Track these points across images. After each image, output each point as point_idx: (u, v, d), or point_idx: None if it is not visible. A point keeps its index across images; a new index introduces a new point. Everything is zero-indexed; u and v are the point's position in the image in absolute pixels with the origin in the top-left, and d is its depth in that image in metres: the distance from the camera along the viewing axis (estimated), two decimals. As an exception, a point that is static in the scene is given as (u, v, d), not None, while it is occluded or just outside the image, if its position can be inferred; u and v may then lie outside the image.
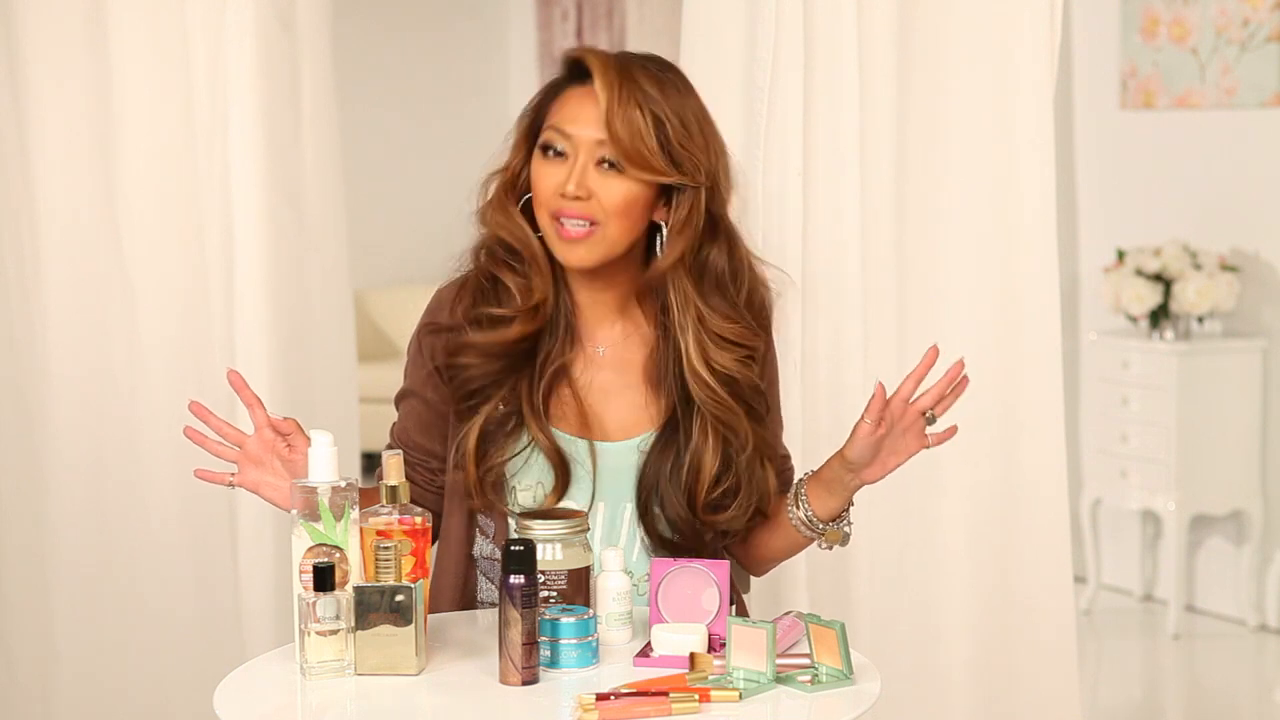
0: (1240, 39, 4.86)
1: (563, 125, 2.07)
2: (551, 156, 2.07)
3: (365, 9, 7.14)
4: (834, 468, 2.10)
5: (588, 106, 2.05)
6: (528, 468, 2.12)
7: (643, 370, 2.16)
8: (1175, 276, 4.79)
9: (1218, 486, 4.86)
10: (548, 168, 2.08)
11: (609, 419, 2.15)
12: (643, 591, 2.11)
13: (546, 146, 2.08)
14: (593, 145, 2.05)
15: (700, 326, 2.10)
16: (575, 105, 2.07)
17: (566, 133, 2.06)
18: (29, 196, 3.07)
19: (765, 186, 2.67)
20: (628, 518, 2.14)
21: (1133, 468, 4.94)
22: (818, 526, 2.13)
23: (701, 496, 2.10)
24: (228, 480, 2.08)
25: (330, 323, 3.49)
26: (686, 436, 2.11)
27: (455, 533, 2.16)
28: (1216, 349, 4.85)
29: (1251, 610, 4.89)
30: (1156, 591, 5.21)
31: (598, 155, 2.05)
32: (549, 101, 2.11)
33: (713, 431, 2.10)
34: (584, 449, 2.12)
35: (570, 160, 2.06)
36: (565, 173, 2.06)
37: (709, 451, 2.10)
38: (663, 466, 2.12)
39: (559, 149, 2.07)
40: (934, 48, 2.76)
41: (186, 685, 3.15)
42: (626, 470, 2.13)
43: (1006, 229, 2.80)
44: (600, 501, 2.13)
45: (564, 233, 2.07)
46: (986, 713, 2.85)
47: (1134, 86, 5.18)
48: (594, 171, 2.05)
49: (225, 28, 3.16)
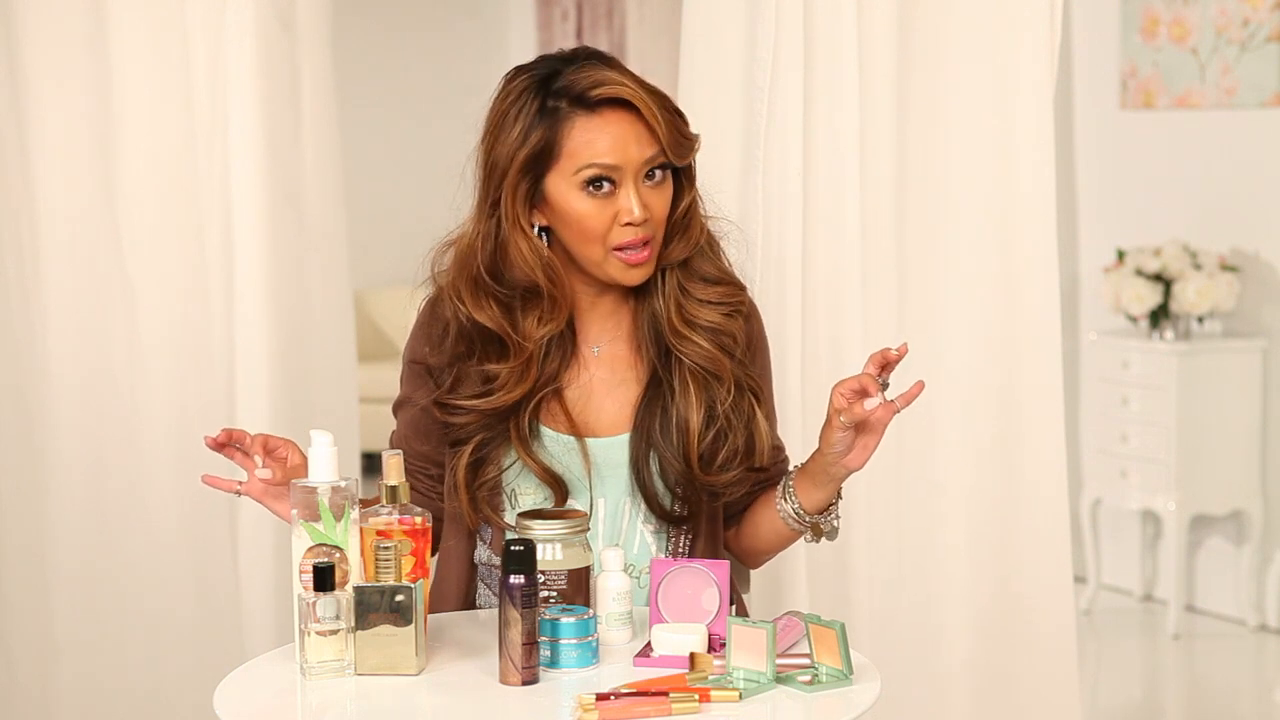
0: (1240, 39, 4.86)
1: (606, 159, 2.03)
2: (599, 193, 2.04)
3: (365, 9, 7.14)
4: (817, 459, 2.09)
5: (622, 129, 2.03)
6: (526, 474, 2.12)
7: (632, 358, 2.16)
8: (1175, 276, 4.79)
9: (1218, 486, 4.86)
10: (599, 203, 2.04)
11: (602, 415, 2.14)
12: (643, 584, 2.11)
13: (593, 183, 2.04)
14: (640, 165, 2.04)
15: (682, 291, 2.11)
16: (608, 133, 2.03)
17: (614, 165, 2.03)
18: (29, 196, 3.07)
19: (765, 186, 2.67)
20: (628, 513, 2.14)
21: (1133, 468, 4.94)
22: (805, 519, 2.13)
23: (695, 446, 2.09)
24: (235, 488, 2.08)
25: (330, 323, 3.49)
26: (670, 392, 2.11)
27: (455, 540, 2.16)
28: (1216, 349, 4.85)
29: (1251, 610, 4.89)
30: (1156, 591, 5.21)
31: (644, 171, 2.05)
32: (556, 130, 2.04)
33: (693, 379, 2.10)
34: (576, 449, 2.12)
35: (621, 187, 2.04)
36: (624, 199, 2.04)
37: (693, 400, 2.09)
38: (652, 425, 2.11)
39: (608, 182, 2.04)
40: (934, 48, 2.76)
41: (186, 685, 3.15)
42: (622, 465, 2.13)
43: (1006, 229, 2.80)
44: (600, 499, 2.12)
45: (630, 259, 2.06)
46: (986, 713, 2.85)
47: (1134, 86, 5.18)
48: (644, 190, 2.06)
49: (225, 28, 3.16)
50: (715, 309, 2.12)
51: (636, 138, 2.03)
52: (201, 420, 3.18)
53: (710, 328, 2.11)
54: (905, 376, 2.23)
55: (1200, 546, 5.07)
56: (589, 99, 2.03)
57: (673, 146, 2.05)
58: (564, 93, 2.04)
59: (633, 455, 2.12)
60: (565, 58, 2.08)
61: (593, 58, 2.07)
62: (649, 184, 2.05)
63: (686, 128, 2.09)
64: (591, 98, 2.03)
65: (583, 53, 2.09)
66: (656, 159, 2.05)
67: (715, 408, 2.10)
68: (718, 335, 2.11)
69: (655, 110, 2.03)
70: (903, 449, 2.78)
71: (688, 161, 2.09)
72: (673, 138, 2.05)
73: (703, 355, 2.10)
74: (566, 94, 2.04)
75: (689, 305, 2.12)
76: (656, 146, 2.04)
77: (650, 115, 2.03)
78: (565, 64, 2.06)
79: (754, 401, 2.13)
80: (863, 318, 2.72)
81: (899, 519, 2.80)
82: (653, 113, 2.03)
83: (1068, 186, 5.27)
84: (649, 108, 2.03)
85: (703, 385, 2.10)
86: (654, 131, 2.03)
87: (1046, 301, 2.81)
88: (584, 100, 2.03)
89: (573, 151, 2.03)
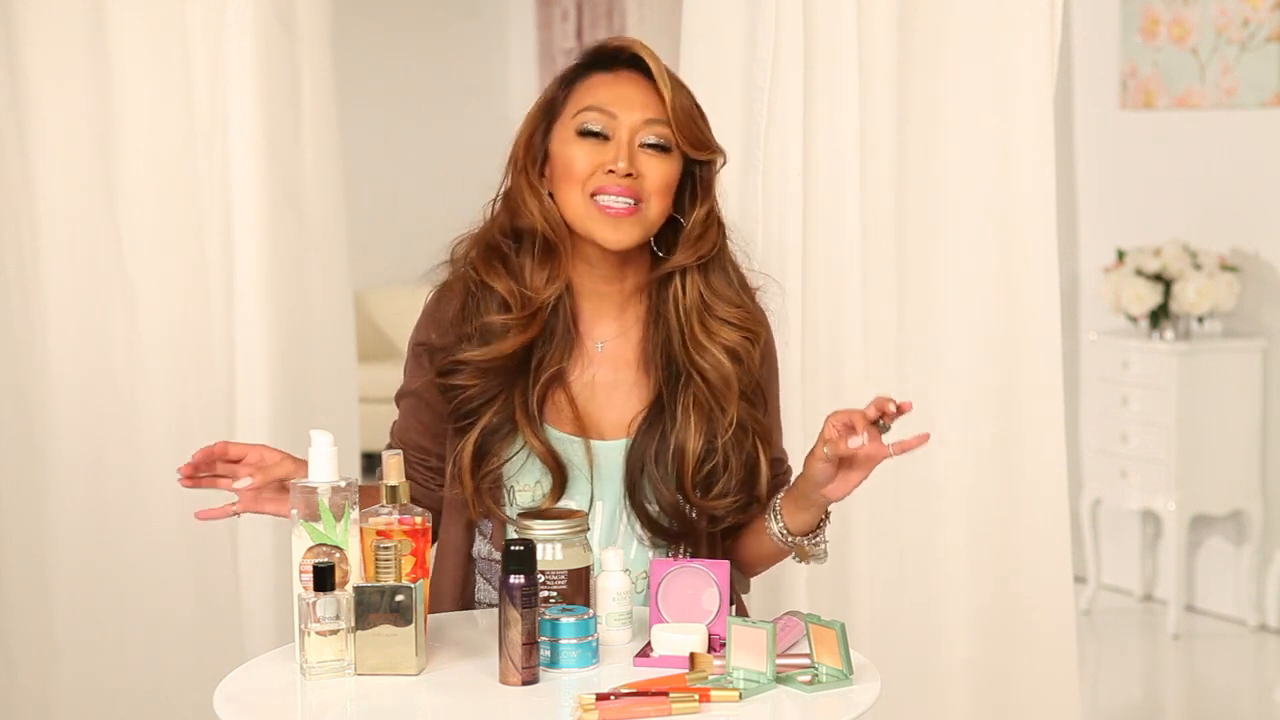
0: (1240, 39, 4.86)
1: (605, 105, 2.06)
2: (590, 138, 2.07)
3: (365, 9, 7.14)
4: (800, 483, 2.07)
5: (628, 88, 2.07)
6: (526, 468, 2.11)
7: (638, 365, 2.15)
8: (1175, 276, 4.79)
9: (1218, 486, 4.86)
10: (587, 147, 2.07)
11: (605, 416, 2.14)
12: (640, 589, 2.11)
13: (585, 128, 2.07)
14: (639, 125, 2.06)
15: (704, 307, 2.11)
16: (613, 88, 2.07)
17: (610, 111, 2.06)
18: (29, 196, 3.07)
19: (765, 186, 2.67)
20: (624, 519, 2.13)
21: (1133, 468, 4.94)
22: (789, 540, 2.10)
23: (690, 477, 2.08)
24: (230, 511, 2.09)
25: (330, 323, 3.49)
26: (671, 419, 2.10)
27: (454, 534, 2.16)
28: (1216, 349, 4.85)
29: (1251, 610, 4.89)
30: (1156, 591, 5.21)
31: (642, 137, 2.06)
32: (570, 88, 2.11)
33: (696, 409, 2.09)
34: (580, 448, 2.11)
35: (614, 140, 2.06)
36: (612, 150, 2.05)
37: (692, 431, 2.08)
38: (648, 449, 2.10)
39: (599, 130, 2.06)
40: (934, 48, 2.76)
41: (186, 685, 3.15)
42: (619, 471, 2.12)
43: (1006, 229, 2.80)
44: (599, 501, 2.12)
45: (608, 210, 2.06)
46: (986, 713, 2.85)
47: (1134, 86, 5.18)
48: (639, 152, 2.06)
49: (225, 28, 3.16)
50: (735, 330, 2.12)
51: (642, 99, 2.06)
52: (201, 420, 3.18)
53: (728, 346, 2.11)
54: (906, 377, 2.25)
55: (1200, 546, 5.07)
56: (606, 56, 2.09)
57: (681, 125, 2.06)
58: (587, 57, 2.11)
59: (627, 471, 2.11)
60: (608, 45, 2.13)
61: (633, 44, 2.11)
62: (648, 150, 2.06)
63: (703, 123, 2.10)
64: (609, 53, 2.08)
65: (625, 39, 2.12)
66: (657, 124, 2.06)
67: (715, 441, 2.09)
68: (734, 355, 2.11)
69: (669, 82, 2.06)
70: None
71: (698, 155, 2.09)
72: (681, 118, 2.06)
73: (717, 372, 2.10)
74: (589, 57, 2.11)
75: (711, 321, 2.11)
76: (662, 114, 2.06)
77: (662, 82, 2.06)
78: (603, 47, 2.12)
79: (756, 440, 2.12)
80: (863, 318, 2.72)
81: (899, 519, 2.80)
82: (665, 81, 2.06)
83: (1068, 186, 5.27)
84: (663, 76, 2.06)
85: (705, 416, 2.09)
86: (664, 102, 2.06)
87: (1046, 301, 2.81)
88: (601, 60, 2.10)
89: (577, 99, 2.09)
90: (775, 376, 2.23)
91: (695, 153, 2.09)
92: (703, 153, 2.10)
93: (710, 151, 2.11)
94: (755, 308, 2.16)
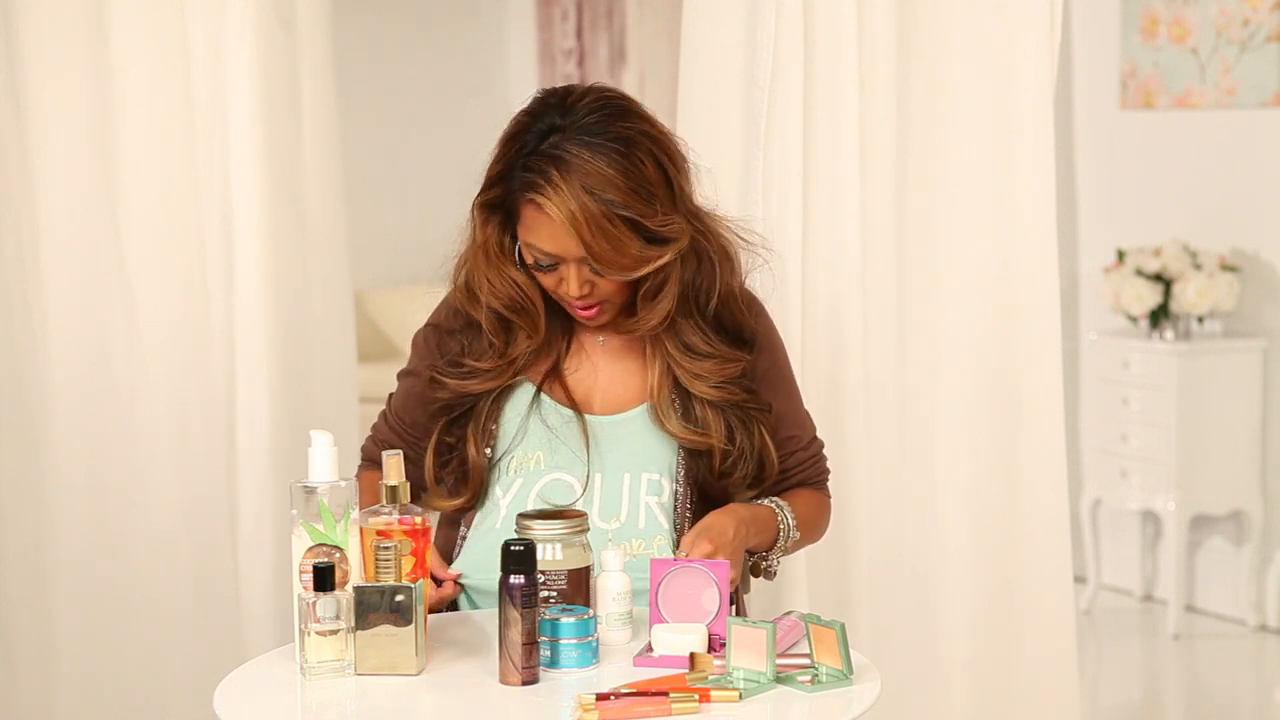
0: (1240, 39, 4.86)
1: (543, 248, 2.07)
2: (541, 269, 2.10)
3: (365, 9, 7.13)
4: None
5: (556, 229, 2.04)
6: (520, 440, 2.17)
7: (637, 349, 2.20)
8: (1175, 276, 4.79)
9: (1218, 486, 4.86)
10: (541, 274, 2.11)
11: (603, 394, 2.20)
12: (645, 569, 2.11)
13: (535, 263, 2.09)
14: (578, 259, 2.07)
15: (683, 357, 2.16)
16: (547, 228, 2.05)
17: (548, 252, 2.07)
18: (29, 196, 3.06)
19: (765, 186, 2.67)
20: (627, 488, 2.16)
21: (1133, 468, 4.94)
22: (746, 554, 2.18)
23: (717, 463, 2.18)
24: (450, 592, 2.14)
25: (330, 323, 3.49)
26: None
27: (440, 535, 2.23)
28: (1216, 349, 4.85)
29: (1251, 610, 4.89)
30: (1156, 591, 5.21)
31: (584, 265, 2.07)
32: (513, 209, 2.08)
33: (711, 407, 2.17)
34: (575, 422, 2.17)
35: (562, 268, 2.08)
36: (564, 278, 2.08)
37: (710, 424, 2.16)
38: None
39: (547, 264, 2.09)
40: (934, 47, 2.76)
41: (186, 685, 3.15)
42: (622, 440, 2.17)
43: (1006, 229, 2.80)
44: (597, 473, 2.16)
45: (577, 312, 2.13)
46: (986, 713, 2.85)
47: (1134, 86, 5.18)
48: (589, 273, 2.08)
49: (225, 27, 3.16)
50: (704, 382, 2.15)
51: (575, 242, 2.04)
52: (201, 420, 3.18)
53: (710, 400, 2.16)
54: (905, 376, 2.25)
55: (1200, 546, 5.07)
56: (529, 181, 2.05)
57: (608, 264, 2.04)
58: (526, 169, 2.05)
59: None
60: (563, 109, 2.07)
61: (597, 108, 2.06)
62: (595, 274, 2.08)
63: (627, 238, 2.03)
64: (530, 179, 2.04)
65: (582, 108, 2.06)
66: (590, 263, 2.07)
67: (733, 433, 2.17)
68: (721, 394, 2.16)
69: (589, 230, 2.01)
70: (903, 449, 2.79)
71: (632, 277, 2.08)
72: (607, 257, 2.03)
73: (714, 399, 2.17)
74: (524, 173, 2.05)
75: (683, 378, 2.16)
76: (597, 262, 2.05)
77: (585, 239, 2.02)
78: (554, 125, 2.05)
79: (763, 430, 2.19)
80: (863, 318, 2.72)
81: (899, 519, 2.80)
82: (584, 235, 2.01)
83: (1068, 186, 5.26)
84: (582, 231, 2.01)
85: (719, 412, 2.17)
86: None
87: (1046, 301, 2.81)
88: (529, 183, 2.05)
89: (523, 227, 2.09)
90: (778, 363, 2.27)
91: (629, 275, 2.07)
92: (637, 271, 2.06)
93: (645, 265, 2.06)
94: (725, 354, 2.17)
